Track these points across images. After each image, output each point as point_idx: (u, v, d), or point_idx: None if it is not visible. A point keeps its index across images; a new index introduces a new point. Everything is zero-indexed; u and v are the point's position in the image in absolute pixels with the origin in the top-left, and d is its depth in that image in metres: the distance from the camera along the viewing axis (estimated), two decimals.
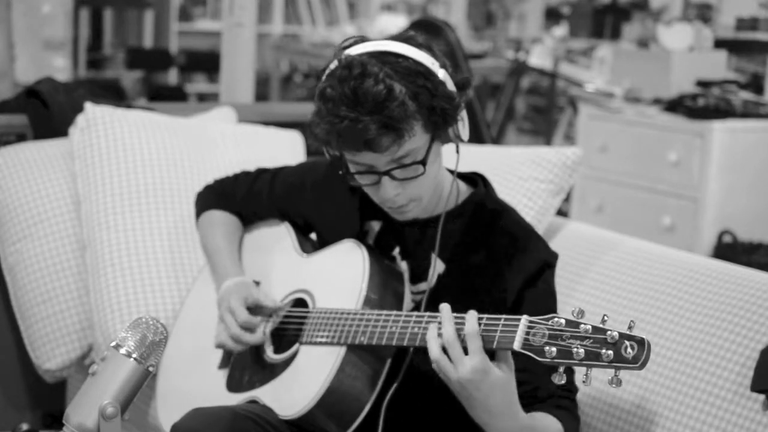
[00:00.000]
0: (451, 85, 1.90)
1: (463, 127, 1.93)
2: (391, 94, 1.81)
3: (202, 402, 2.03)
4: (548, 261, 2.00)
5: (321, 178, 2.17)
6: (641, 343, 1.58)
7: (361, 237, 2.07)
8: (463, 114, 1.93)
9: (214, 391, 2.11)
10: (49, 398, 2.86)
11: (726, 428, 2.01)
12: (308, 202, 2.18)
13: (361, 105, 1.81)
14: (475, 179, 2.09)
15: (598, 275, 2.35)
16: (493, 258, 1.99)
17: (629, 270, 2.32)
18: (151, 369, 1.46)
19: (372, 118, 1.81)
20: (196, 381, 2.18)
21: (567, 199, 4.98)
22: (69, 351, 2.60)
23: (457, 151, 1.98)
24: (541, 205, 2.46)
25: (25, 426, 2.17)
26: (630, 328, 1.59)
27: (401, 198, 1.93)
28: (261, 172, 2.30)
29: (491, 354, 1.74)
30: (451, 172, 2.04)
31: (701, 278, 2.21)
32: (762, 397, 1.98)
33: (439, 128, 1.90)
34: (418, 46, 1.90)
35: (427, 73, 1.87)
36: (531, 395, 1.88)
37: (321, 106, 1.86)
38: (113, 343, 1.46)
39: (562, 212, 3.82)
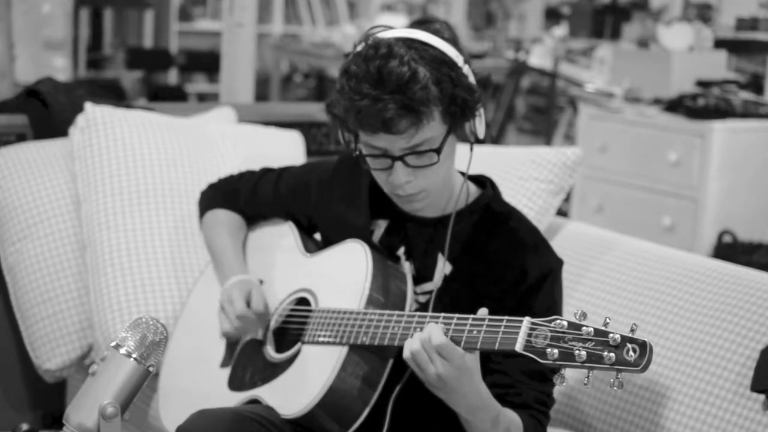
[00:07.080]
0: (473, 80, 1.91)
1: (480, 124, 1.93)
2: (415, 76, 1.82)
3: (204, 401, 2.02)
4: (552, 267, 1.99)
5: (327, 178, 2.16)
6: (643, 346, 1.57)
7: (367, 236, 2.06)
8: (482, 111, 1.93)
9: (216, 389, 2.11)
10: (49, 398, 2.86)
11: (726, 428, 2.01)
12: (313, 202, 2.18)
13: (384, 84, 1.82)
14: (482, 181, 2.09)
15: (598, 275, 2.35)
16: (498, 261, 1.98)
17: (629, 270, 2.32)
18: (151, 369, 1.46)
19: (393, 97, 1.81)
20: (198, 379, 2.18)
21: (567, 199, 4.98)
22: (69, 351, 2.60)
23: (471, 150, 1.97)
24: (541, 205, 2.46)
25: (25, 426, 2.17)
26: (632, 330, 1.59)
27: (411, 187, 1.92)
28: (266, 172, 2.30)
29: None
30: (462, 174, 2.04)
31: (701, 278, 2.21)
32: (762, 397, 1.98)
33: (457, 120, 1.90)
34: (445, 39, 1.91)
35: (452, 64, 1.88)
36: (502, 398, 1.88)
37: (343, 83, 1.86)
38: (113, 343, 1.46)
39: (562, 212, 3.82)
